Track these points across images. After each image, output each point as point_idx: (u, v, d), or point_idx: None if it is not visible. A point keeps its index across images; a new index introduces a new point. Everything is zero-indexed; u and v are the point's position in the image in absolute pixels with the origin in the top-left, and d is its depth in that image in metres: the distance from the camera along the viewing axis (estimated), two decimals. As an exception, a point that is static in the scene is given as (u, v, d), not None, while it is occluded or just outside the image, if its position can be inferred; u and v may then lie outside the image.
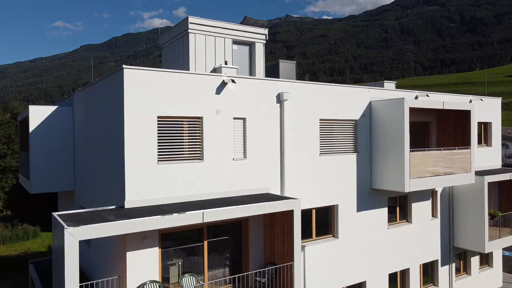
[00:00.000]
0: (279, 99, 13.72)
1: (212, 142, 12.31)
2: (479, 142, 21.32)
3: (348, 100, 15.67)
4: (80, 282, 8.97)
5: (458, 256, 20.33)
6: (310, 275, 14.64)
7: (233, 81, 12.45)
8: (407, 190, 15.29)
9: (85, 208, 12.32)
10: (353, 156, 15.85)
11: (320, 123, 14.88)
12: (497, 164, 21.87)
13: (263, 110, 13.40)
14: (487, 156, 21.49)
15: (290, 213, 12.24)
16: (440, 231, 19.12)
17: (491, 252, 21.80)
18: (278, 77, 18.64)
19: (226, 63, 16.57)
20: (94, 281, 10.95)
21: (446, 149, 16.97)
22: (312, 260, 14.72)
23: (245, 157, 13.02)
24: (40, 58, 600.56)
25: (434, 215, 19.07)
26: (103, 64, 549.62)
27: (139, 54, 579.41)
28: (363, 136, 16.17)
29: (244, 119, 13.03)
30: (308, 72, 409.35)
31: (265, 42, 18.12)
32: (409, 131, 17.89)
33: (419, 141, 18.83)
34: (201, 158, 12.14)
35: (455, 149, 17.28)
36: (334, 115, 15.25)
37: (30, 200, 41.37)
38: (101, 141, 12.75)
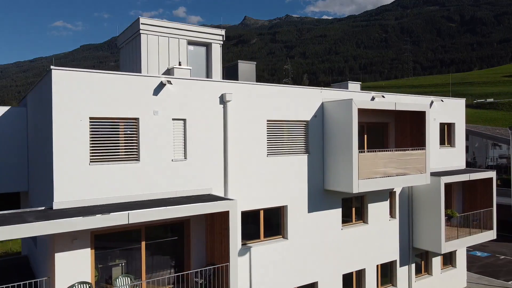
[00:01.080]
0: (223, 100, 13.78)
1: (149, 143, 12.36)
2: (442, 143, 21.35)
3: (299, 101, 15.71)
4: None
5: (420, 256, 20.38)
6: (257, 276, 14.69)
7: (169, 82, 12.50)
8: (355, 191, 15.33)
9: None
10: (304, 157, 15.89)
11: (267, 124, 14.93)
12: (461, 164, 21.90)
13: (205, 111, 13.45)
14: (451, 157, 21.53)
15: (226, 214, 12.29)
16: (398, 232, 19.15)
17: (455, 252, 21.84)
18: (237, 78, 18.68)
19: (180, 64, 16.63)
20: (21, 283, 11.01)
21: (398, 150, 17.01)
22: (259, 260, 14.77)
23: (185, 158, 13.08)
24: (40, 58, 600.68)
25: (392, 215, 19.11)
26: (103, 64, 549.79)
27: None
28: (315, 137, 16.22)
29: (184, 120, 13.09)
30: (308, 72, 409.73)
31: (222, 43, 18.16)
32: (368, 131, 18.07)
33: (378, 141, 18.90)
34: (137, 159, 12.20)
35: (408, 150, 17.31)
36: (283, 116, 15.30)
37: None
38: (39, 141, 12.83)
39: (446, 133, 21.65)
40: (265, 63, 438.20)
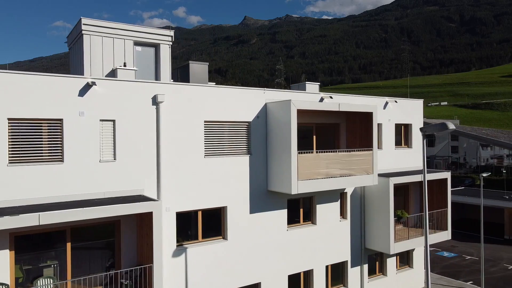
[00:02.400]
0: (155, 101, 13.80)
1: (75, 143, 12.38)
2: (399, 144, 21.36)
3: (240, 102, 15.73)
4: None
5: (374, 256, 20.38)
6: (196, 276, 14.68)
7: (93, 83, 12.52)
8: (294, 192, 15.35)
9: None
10: (246, 158, 15.91)
11: (205, 124, 14.95)
12: (418, 165, 21.91)
13: (136, 112, 13.47)
14: (408, 157, 21.54)
15: (149, 215, 12.32)
16: (350, 232, 19.16)
17: (412, 253, 21.84)
18: (189, 79, 18.70)
19: (125, 64, 16.65)
20: None
21: (343, 151, 17.02)
22: (198, 261, 14.78)
23: (114, 159, 13.10)
24: (40, 58, 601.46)
25: (344, 216, 19.11)
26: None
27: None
28: (258, 138, 16.23)
29: (113, 121, 13.11)
30: (307, 72, 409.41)
31: (171, 43, 18.19)
32: (319, 132, 18.09)
33: (329, 142, 18.91)
34: (61, 160, 12.22)
35: (354, 150, 17.32)
36: (222, 117, 15.31)
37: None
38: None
39: (403, 134, 21.65)
40: (265, 63, 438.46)
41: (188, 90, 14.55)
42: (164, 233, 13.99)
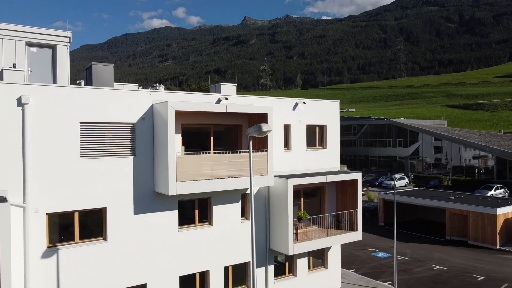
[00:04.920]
0: (20, 102, 13.84)
1: None
2: (311, 145, 21.36)
3: (124, 103, 15.74)
4: None
5: (284, 257, 20.40)
6: (70, 277, 14.69)
7: None
8: (171, 193, 15.39)
9: None
10: (129, 159, 15.94)
11: (81, 126, 14.98)
12: (334, 166, 21.92)
13: (-1, 114, 13.51)
14: (323, 158, 21.54)
15: None
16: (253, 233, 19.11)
17: (326, 253, 21.83)
18: (91, 81, 18.72)
19: (14, 66, 16.71)
20: None
21: (232, 152, 17.05)
22: (73, 262, 14.79)
23: (-27, 160, 13.15)
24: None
25: (246, 217, 19.12)
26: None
27: (138, 54, 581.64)
28: (144, 139, 16.25)
29: (-28, 122, 13.15)
30: (306, 72, 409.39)
31: (69, 44, 18.25)
32: (219, 134, 18.16)
33: (231, 143, 18.96)
34: None
35: (244, 151, 17.35)
36: (102, 118, 15.34)
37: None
38: None
39: (318, 135, 21.65)
40: (264, 63, 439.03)
41: (60, 91, 14.58)
42: (33, 234, 14.05)
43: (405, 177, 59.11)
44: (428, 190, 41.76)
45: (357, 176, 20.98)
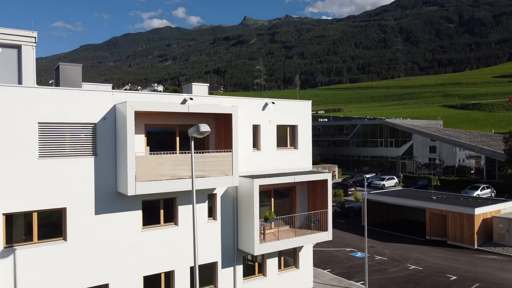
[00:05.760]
0: (-26, 102, 13.86)
1: None
2: (282, 145, 21.37)
3: (84, 103, 15.75)
4: None
5: (253, 257, 20.41)
6: (28, 277, 14.71)
7: None
8: (130, 193, 15.42)
9: None
10: (90, 159, 15.95)
11: (39, 126, 14.99)
12: (306, 166, 21.92)
13: (-47, 114, 13.54)
14: (294, 158, 21.55)
15: None
16: (220, 234, 19.17)
17: (298, 253, 21.81)
18: (59, 82, 18.75)
19: (-25, 66, 16.72)
20: None
21: (195, 153, 17.02)
22: (31, 262, 14.80)
23: None
24: (40, 58, 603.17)
25: (214, 217, 19.13)
26: (102, 64, 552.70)
27: (138, 54, 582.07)
28: (106, 139, 16.26)
29: None
30: (305, 72, 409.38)
31: (35, 45, 18.27)
32: (185, 134, 18.08)
33: (200, 144, 18.98)
34: None
35: (208, 152, 17.38)
36: (61, 118, 15.33)
37: None
38: None
39: (289, 135, 21.66)
40: (264, 63, 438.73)
41: (17, 91, 14.59)
42: (-11, 233, 14.06)
43: (395, 177, 59.06)
44: (412, 190, 41.76)
45: (327, 176, 20.98)
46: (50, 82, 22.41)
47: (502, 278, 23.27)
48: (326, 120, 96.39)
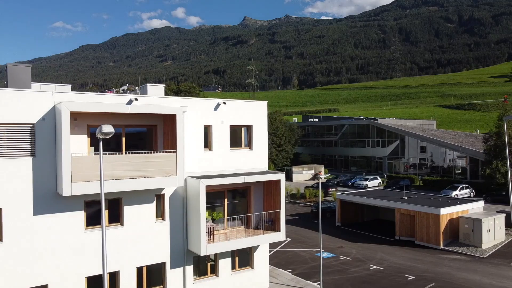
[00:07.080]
0: None
1: None
2: (236, 145, 21.32)
3: (19, 104, 15.72)
4: None
5: (205, 257, 20.37)
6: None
7: None
8: (66, 194, 15.40)
9: None
10: (28, 160, 15.92)
11: (-27, 127, 14.99)
12: (261, 166, 21.86)
13: None
14: (248, 159, 21.50)
15: None
16: (169, 234, 19.14)
17: (253, 253, 21.75)
18: (7, 82, 18.73)
19: None
20: None
21: (133, 153, 17.03)
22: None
23: None
24: (40, 58, 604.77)
25: (162, 217, 19.09)
26: (102, 64, 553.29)
27: (138, 54, 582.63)
28: (45, 139, 16.22)
29: None
30: (305, 72, 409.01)
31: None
32: (132, 135, 18.16)
33: (147, 144, 18.98)
34: None
35: (149, 152, 17.35)
36: (-4, 119, 15.33)
37: None
38: None
39: (243, 135, 21.61)
40: (264, 63, 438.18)
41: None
42: None
43: (378, 177, 58.96)
44: (387, 190, 41.65)
45: (280, 176, 20.92)
46: (5, 83, 22.44)
47: (458, 278, 23.19)
48: (317, 120, 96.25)
